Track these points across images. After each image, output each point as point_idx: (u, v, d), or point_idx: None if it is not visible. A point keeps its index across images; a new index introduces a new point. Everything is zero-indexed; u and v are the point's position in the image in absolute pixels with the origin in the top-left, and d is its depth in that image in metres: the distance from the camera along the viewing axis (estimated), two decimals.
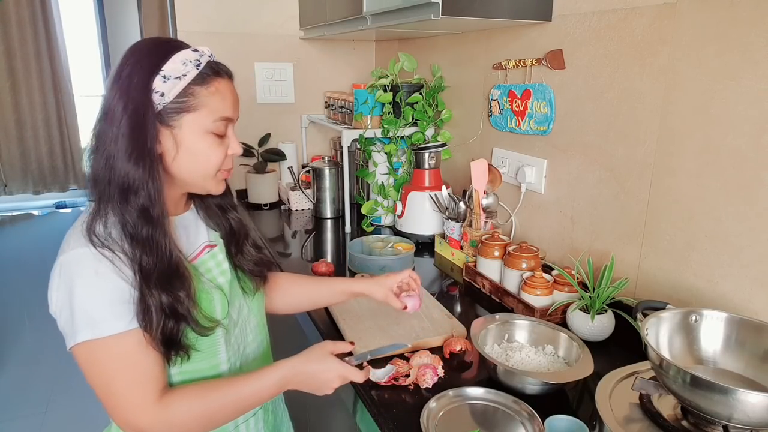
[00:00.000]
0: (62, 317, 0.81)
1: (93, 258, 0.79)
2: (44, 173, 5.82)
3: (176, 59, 0.84)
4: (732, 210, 1.09)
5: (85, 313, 0.79)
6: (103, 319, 0.79)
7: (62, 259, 0.81)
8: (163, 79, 0.83)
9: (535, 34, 1.56)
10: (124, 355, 0.80)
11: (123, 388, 0.81)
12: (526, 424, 0.93)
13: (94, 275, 0.79)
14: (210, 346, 0.92)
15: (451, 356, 1.17)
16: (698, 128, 1.14)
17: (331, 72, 2.61)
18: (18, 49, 5.40)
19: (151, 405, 0.81)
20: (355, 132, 2.06)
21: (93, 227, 0.81)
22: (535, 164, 1.61)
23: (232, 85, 0.91)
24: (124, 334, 0.80)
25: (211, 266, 0.96)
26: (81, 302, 0.79)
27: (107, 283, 0.79)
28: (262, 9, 2.39)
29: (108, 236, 0.81)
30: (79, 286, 0.79)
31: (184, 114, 0.85)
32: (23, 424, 2.44)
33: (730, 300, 1.12)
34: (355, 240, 1.79)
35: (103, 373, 0.81)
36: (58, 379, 2.77)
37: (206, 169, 0.90)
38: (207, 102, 0.86)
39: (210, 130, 0.87)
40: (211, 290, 0.92)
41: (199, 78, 0.85)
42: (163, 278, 0.82)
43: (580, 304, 1.26)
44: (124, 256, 0.81)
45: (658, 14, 1.19)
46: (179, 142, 0.86)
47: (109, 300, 0.79)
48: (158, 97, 0.83)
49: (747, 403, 0.76)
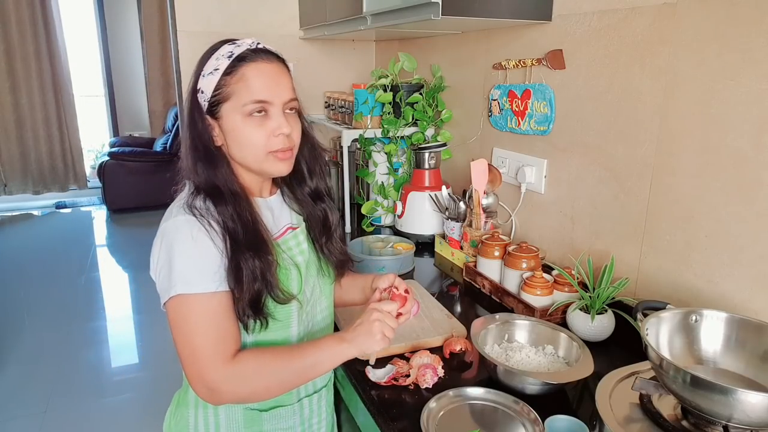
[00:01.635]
0: (161, 276, 0.90)
1: (191, 225, 0.88)
2: (44, 173, 5.82)
3: (214, 56, 0.92)
4: (732, 210, 1.09)
5: (181, 272, 0.87)
6: (196, 279, 0.87)
7: (164, 226, 0.91)
8: (202, 77, 0.93)
9: (535, 34, 1.56)
10: (208, 313, 0.88)
11: (203, 344, 0.87)
12: (526, 424, 0.93)
13: (191, 240, 0.88)
14: (285, 316, 0.98)
15: (451, 356, 1.17)
16: (698, 128, 1.14)
17: (331, 72, 2.61)
18: (18, 49, 5.41)
19: (225, 363, 0.88)
20: (355, 132, 2.06)
21: (193, 201, 0.91)
22: (535, 164, 1.61)
23: (270, 66, 0.93)
24: (211, 295, 0.88)
25: (292, 245, 1.03)
26: (178, 262, 0.87)
27: (202, 248, 0.88)
28: (262, 9, 2.39)
29: (206, 209, 0.91)
30: (178, 249, 0.88)
31: (222, 104, 0.92)
32: (23, 424, 2.44)
33: (730, 300, 1.12)
34: (355, 240, 1.79)
35: (187, 327, 0.88)
36: (58, 379, 2.77)
37: (253, 152, 0.94)
38: (235, 89, 0.91)
39: (246, 112, 0.92)
40: (289, 267, 0.99)
41: (229, 68, 0.91)
42: (250, 245, 0.90)
43: (580, 304, 1.26)
44: (218, 226, 0.90)
45: (658, 14, 1.19)
46: (225, 130, 0.94)
47: (203, 263, 0.88)
48: (201, 96, 0.93)
49: (747, 403, 0.76)
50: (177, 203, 0.93)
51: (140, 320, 3.45)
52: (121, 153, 5.47)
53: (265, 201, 1.03)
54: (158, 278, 0.91)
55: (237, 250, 0.89)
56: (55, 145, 5.82)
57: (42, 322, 3.32)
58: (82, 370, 2.87)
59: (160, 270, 0.90)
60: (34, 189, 5.83)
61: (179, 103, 2.38)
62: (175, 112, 5.49)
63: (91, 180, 6.09)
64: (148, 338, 3.21)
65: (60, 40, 5.66)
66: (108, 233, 5.23)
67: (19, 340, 3.11)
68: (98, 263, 4.37)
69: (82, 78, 6.14)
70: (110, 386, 2.73)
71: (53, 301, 3.63)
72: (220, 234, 0.89)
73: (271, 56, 0.95)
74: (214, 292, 0.88)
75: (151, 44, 5.94)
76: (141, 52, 6.19)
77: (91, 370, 2.88)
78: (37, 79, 5.56)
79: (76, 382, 2.75)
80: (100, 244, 4.87)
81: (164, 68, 5.98)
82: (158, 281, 0.91)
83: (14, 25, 5.33)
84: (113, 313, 3.52)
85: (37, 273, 4.11)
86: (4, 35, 5.32)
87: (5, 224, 5.33)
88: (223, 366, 0.87)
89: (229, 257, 0.89)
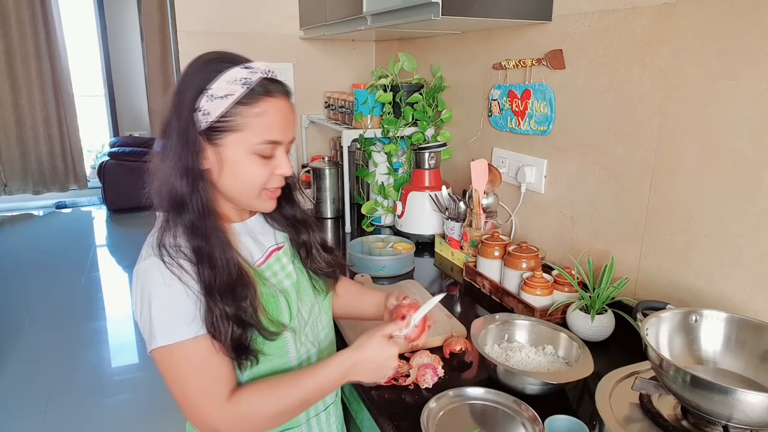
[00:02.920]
0: (141, 323, 0.85)
1: (161, 269, 0.83)
2: (44, 173, 5.82)
3: (224, 78, 0.84)
4: (732, 210, 1.09)
5: (159, 322, 0.82)
6: (175, 327, 0.82)
7: (136, 269, 0.85)
8: (209, 98, 0.83)
9: (535, 34, 1.56)
10: (195, 358, 0.84)
11: (196, 390, 0.84)
12: (526, 424, 0.93)
13: (163, 285, 0.82)
14: (278, 348, 0.94)
15: (451, 356, 1.17)
16: (698, 128, 1.14)
17: (331, 72, 2.61)
18: (18, 49, 5.41)
19: (223, 404, 0.84)
20: (355, 132, 2.06)
21: (162, 239, 0.85)
22: (535, 164, 1.61)
23: (285, 104, 0.88)
24: (194, 340, 0.83)
25: (276, 269, 0.97)
26: (155, 312, 0.82)
27: (175, 293, 0.83)
28: (262, 9, 2.39)
29: (176, 247, 0.84)
30: (152, 296, 0.83)
31: (228, 133, 0.85)
32: (23, 424, 2.44)
33: (730, 300, 1.12)
34: (355, 240, 1.79)
35: (177, 376, 0.84)
36: (58, 379, 2.77)
37: (248, 189, 0.89)
38: (251, 123, 0.85)
39: (254, 151, 0.86)
40: (276, 294, 0.93)
41: (246, 97, 0.84)
42: (224, 289, 0.84)
43: (580, 304, 1.25)
44: (189, 265, 0.84)
45: (658, 14, 1.19)
46: (223, 160, 0.86)
47: (178, 308, 0.83)
48: (202, 116, 0.84)
49: (747, 403, 0.76)
50: (148, 240, 0.88)
51: None
52: (121, 153, 5.47)
53: (244, 225, 0.97)
54: (140, 325, 0.86)
55: (210, 297, 0.83)
56: (55, 145, 5.81)
57: (42, 322, 3.32)
58: (82, 370, 2.87)
59: (140, 317, 0.85)
60: (34, 189, 5.82)
61: None
62: None
63: (91, 180, 6.09)
64: None
65: (60, 40, 5.65)
66: (108, 233, 5.23)
67: (19, 340, 3.11)
68: (98, 263, 4.37)
69: (82, 78, 6.14)
70: (110, 386, 2.73)
71: (53, 301, 3.62)
72: (194, 274, 0.83)
73: (284, 90, 0.89)
74: (196, 336, 0.83)
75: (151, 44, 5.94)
76: (141, 52, 6.18)
77: (91, 370, 2.88)
78: (37, 79, 5.56)
79: (76, 382, 2.75)
80: (100, 244, 4.87)
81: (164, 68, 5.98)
82: (141, 329, 0.86)
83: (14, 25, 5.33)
84: (113, 313, 3.52)
85: (37, 273, 4.11)
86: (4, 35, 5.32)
87: (5, 224, 5.32)
88: (222, 408, 0.84)
89: (203, 303, 0.83)
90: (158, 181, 0.87)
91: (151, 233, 0.89)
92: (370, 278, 1.58)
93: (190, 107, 0.84)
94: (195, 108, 0.84)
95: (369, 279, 1.58)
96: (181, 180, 0.84)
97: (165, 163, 0.85)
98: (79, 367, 2.89)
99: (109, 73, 6.25)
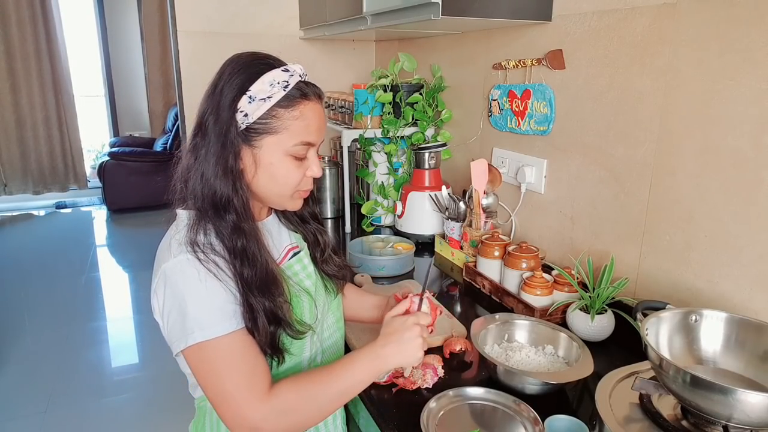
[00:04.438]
0: (169, 322, 0.84)
1: (196, 266, 0.83)
2: (44, 173, 5.82)
3: (265, 79, 0.85)
4: (732, 210, 1.09)
5: (196, 318, 0.82)
6: (213, 322, 0.82)
7: (165, 267, 0.84)
8: (249, 99, 0.85)
9: (535, 34, 1.56)
10: (234, 353, 0.83)
11: (235, 385, 0.82)
12: (526, 424, 0.93)
13: (198, 281, 0.82)
14: (299, 347, 0.95)
15: (451, 356, 1.17)
16: (698, 128, 1.14)
17: (331, 72, 2.61)
18: (18, 49, 5.41)
19: (261, 399, 0.83)
20: (355, 132, 2.06)
21: (194, 236, 0.85)
22: (535, 164, 1.61)
23: (319, 106, 0.91)
24: (231, 335, 0.83)
25: (297, 270, 0.99)
26: (191, 308, 0.82)
27: (211, 288, 0.83)
28: (262, 9, 2.39)
29: (209, 245, 0.85)
30: (186, 292, 0.82)
31: (265, 135, 0.86)
32: (23, 424, 2.44)
33: (730, 300, 1.12)
34: (355, 240, 1.79)
35: (215, 371, 0.83)
36: (58, 379, 2.77)
37: (283, 190, 0.91)
38: (289, 125, 0.87)
39: (290, 153, 0.88)
40: (299, 294, 0.95)
41: (285, 100, 0.86)
42: (263, 286, 0.86)
43: (580, 304, 1.26)
44: (224, 262, 0.85)
45: (658, 14, 1.19)
46: (258, 161, 0.88)
47: (214, 304, 0.83)
48: (242, 117, 0.85)
49: (747, 403, 0.76)
50: (175, 239, 0.86)
51: (140, 320, 3.45)
52: (121, 153, 5.47)
53: (263, 224, 0.98)
54: (167, 324, 0.85)
55: (249, 293, 0.85)
56: (56, 145, 5.81)
57: (42, 322, 3.32)
58: (82, 370, 2.87)
59: (168, 315, 0.84)
60: (34, 189, 5.82)
61: (179, 103, 2.38)
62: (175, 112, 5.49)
63: (91, 180, 6.09)
64: (148, 338, 3.20)
65: (60, 40, 5.65)
66: (108, 233, 5.23)
67: (19, 340, 3.11)
68: (98, 263, 4.37)
69: (82, 78, 6.14)
70: (110, 386, 2.73)
71: (53, 301, 3.62)
72: (229, 272, 0.85)
73: (319, 92, 0.91)
74: (235, 330, 0.83)
75: (151, 44, 5.94)
76: (141, 52, 6.19)
77: (91, 370, 2.88)
78: (37, 79, 5.56)
79: (76, 382, 2.75)
80: (100, 244, 4.87)
81: (164, 68, 5.99)
82: (167, 327, 0.85)
83: (14, 25, 5.33)
84: (113, 313, 3.52)
85: (37, 273, 4.11)
86: (4, 35, 5.32)
87: (5, 224, 5.32)
88: (262, 403, 0.82)
89: (242, 299, 0.85)
90: (193, 181, 0.88)
91: (175, 231, 0.88)
92: (370, 278, 1.58)
93: (231, 108, 0.85)
94: (236, 108, 0.85)
95: (369, 279, 1.58)
96: (223, 181, 0.86)
97: (202, 163, 0.86)
98: (79, 367, 2.89)
99: (109, 73, 6.25)
